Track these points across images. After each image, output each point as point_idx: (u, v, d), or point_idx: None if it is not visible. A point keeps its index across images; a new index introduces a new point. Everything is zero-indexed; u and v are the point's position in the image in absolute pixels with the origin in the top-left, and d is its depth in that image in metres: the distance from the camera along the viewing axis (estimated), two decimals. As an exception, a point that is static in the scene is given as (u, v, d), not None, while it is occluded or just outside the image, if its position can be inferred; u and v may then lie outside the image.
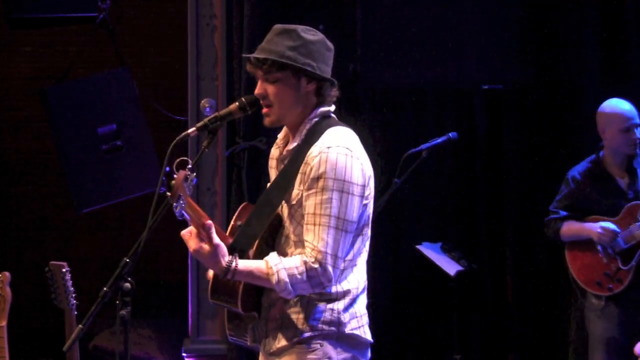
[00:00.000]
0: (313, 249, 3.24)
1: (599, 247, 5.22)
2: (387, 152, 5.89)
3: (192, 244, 3.21)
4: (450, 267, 5.68)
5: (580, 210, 5.32)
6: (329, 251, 3.24)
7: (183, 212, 3.05)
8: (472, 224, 6.30)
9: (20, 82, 7.17)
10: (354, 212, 3.29)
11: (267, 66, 3.33)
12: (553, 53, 6.09)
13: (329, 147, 3.29)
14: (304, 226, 3.29)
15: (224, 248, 3.21)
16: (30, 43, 7.12)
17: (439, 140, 5.30)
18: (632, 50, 6.02)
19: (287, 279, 3.22)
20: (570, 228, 5.32)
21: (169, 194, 3.02)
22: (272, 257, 3.27)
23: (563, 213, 5.37)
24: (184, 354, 6.00)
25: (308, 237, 3.27)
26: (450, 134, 5.33)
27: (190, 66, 5.94)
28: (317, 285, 3.26)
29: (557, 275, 6.09)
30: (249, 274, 3.24)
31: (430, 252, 5.78)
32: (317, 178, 3.26)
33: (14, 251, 7.01)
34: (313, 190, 3.27)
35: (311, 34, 3.38)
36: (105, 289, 3.09)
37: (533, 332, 6.20)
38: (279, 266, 3.23)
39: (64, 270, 4.18)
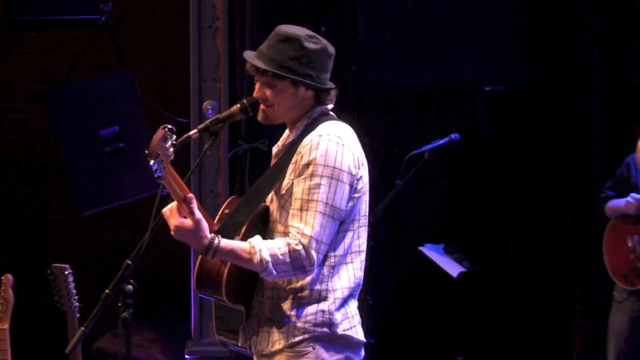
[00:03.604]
0: (298, 232, 3.23)
1: (629, 242, 5.23)
2: (389, 154, 5.90)
3: (173, 220, 3.17)
4: (453, 268, 5.68)
5: (622, 193, 5.33)
6: (314, 235, 3.23)
7: (161, 174, 3.03)
8: (474, 225, 6.30)
9: (22, 84, 7.16)
10: (342, 200, 3.29)
11: (267, 77, 3.35)
12: (554, 54, 6.09)
13: (320, 136, 3.31)
14: (290, 211, 3.29)
15: (206, 224, 3.19)
16: (32, 45, 7.12)
17: (441, 141, 5.31)
18: (633, 51, 6.02)
19: (268, 259, 3.20)
20: (612, 204, 5.36)
21: (147, 151, 3.01)
22: (256, 238, 3.26)
23: (610, 193, 5.39)
24: (186, 356, 6.00)
25: (294, 221, 3.26)
26: (452, 135, 5.34)
27: (192, 68, 5.94)
28: (299, 269, 3.24)
29: (559, 276, 6.09)
30: (231, 252, 3.22)
31: (433, 253, 5.78)
32: (307, 164, 3.28)
33: (16, 253, 7.01)
34: (303, 177, 3.29)
35: (313, 42, 3.38)
36: (107, 291, 3.09)
37: (535, 333, 6.20)
38: (262, 245, 3.22)
39: (66, 272, 4.19)
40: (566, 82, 6.10)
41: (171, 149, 3.05)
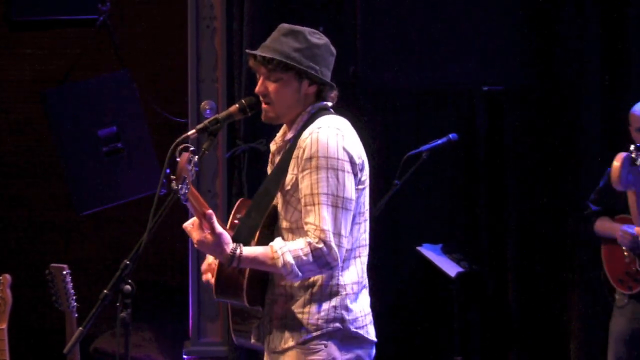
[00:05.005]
0: (316, 229, 3.24)
1: (624, 247, 5.23)
2: (387, 154, 5.89)
3: (195, 235, 3.22)
4: (451, 268, 5.68)
5: (608, 206, 5.30)
6: (331, 229, 3.24)
7: (187, 196, 3.07)
8: (472, 225, 6.30)
9: (21, 85, 7.16)
10: (350, 190, 3.30)
11: (272, 65, 3.36)
12: (553, 54, 6.09)
13: (319, 128, 3.33)
14: (303, 208, 3.30)
15: (227, 236, 3.22)
16: (30, 45, 7.11)
17: (439, 141, 5.31)
18: (632, 51, 6.02)
19: (292, 261, 3.21)
20: (603, 225, 5.31)
21: (173, 177, 3.04)
22: (277, 241, 3.28)
23: (594, 208, 5.36)
24: (184, 356, 6.00)
25: (309, 218, 3.27)
26: (450, 136, 5.34)
27: (191, 68, 5.94)
28: (324, 266, 3.25)
29: (557, 276, 6.09)
30: (254, 259, 3.24)
31: (431, 253, 5.78)
32: (310, 158, 3.29)
33: (14, 253, 7.01)
34: (307, 171, 3.29)
35: (317, 38, 3.42)
36: (105, 291, 3.09)
37: (534, 333, 6.20)
38: (284, 249, 3.23)
39: (64, 272, 4.19)
40: (566, 82, 6.10)
41: (193, 170, 3.08)
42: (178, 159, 3.06)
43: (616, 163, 2.07)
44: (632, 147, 2.03)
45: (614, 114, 5.96)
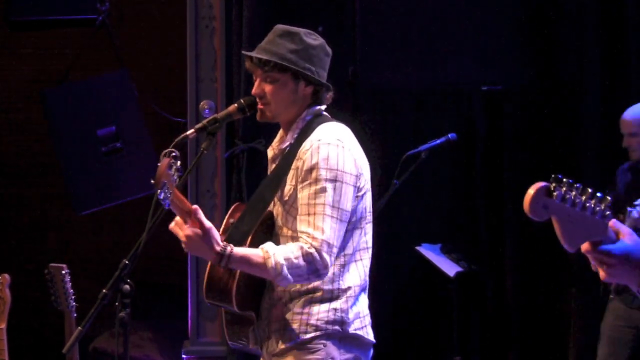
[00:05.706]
0: (309, 236, 3.24)
1: None
2: (386, 154, 5.89)
3: (182, 231, 3.17)
4: (450, 268, 5.68)
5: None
6: (324, 238, 3.24)
7: (169, 201, 3.04)
8: (471, 225, 6.30)
9: (21, 84, 7.17)
10: (347, 202, 3.30)
11: (268, 67, 3.36)
12: (552, 54, 6.09)
13: (319, 140, 3.32)
14: (298, 217, 3.30)
15: (216, 232, 3.19)
16: (30, 45, 7.12)
17: (438, 141, 5.30)
18: (631, 51, 6.02)
19: (283, 262, 3.20)
20: None
21: (152, 181, 3.02)
22: (268, 244, 3.27)
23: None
24: (184, 356, 6.00)
25: (302, 226, 3.27)
26: (449, 135, 5.33)
27: (190, 68, 5.93)
28: (313, 272, 3.24)
29: (557, 276, 6.09)
30: (243, 258, 3.21)
31: (430, 253, 5.78)
32: (310, 170, 3.29)
33: (13, 253, 7.01)
34: (307, 182, 3.29)
35: (312, 38, 3.42)
36: (104, 291, 3.09)
37: (533, 333, 6.20)
38: (275, 250, 3.22)
39: (63, 272, 4.19)
40: (566, 82, 6.10)
41: (176, 175, 3.05)
42: (159, 164, 3.03)
43: (530, 191, 2.07)
44: (552, 177, 2.04)
45: (614, 114, 5.96)
